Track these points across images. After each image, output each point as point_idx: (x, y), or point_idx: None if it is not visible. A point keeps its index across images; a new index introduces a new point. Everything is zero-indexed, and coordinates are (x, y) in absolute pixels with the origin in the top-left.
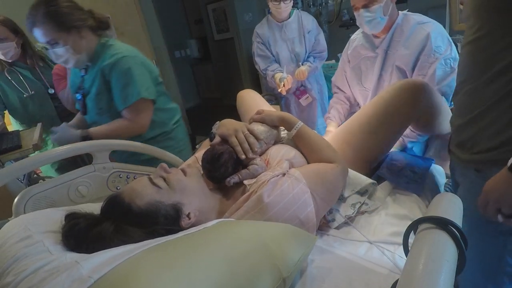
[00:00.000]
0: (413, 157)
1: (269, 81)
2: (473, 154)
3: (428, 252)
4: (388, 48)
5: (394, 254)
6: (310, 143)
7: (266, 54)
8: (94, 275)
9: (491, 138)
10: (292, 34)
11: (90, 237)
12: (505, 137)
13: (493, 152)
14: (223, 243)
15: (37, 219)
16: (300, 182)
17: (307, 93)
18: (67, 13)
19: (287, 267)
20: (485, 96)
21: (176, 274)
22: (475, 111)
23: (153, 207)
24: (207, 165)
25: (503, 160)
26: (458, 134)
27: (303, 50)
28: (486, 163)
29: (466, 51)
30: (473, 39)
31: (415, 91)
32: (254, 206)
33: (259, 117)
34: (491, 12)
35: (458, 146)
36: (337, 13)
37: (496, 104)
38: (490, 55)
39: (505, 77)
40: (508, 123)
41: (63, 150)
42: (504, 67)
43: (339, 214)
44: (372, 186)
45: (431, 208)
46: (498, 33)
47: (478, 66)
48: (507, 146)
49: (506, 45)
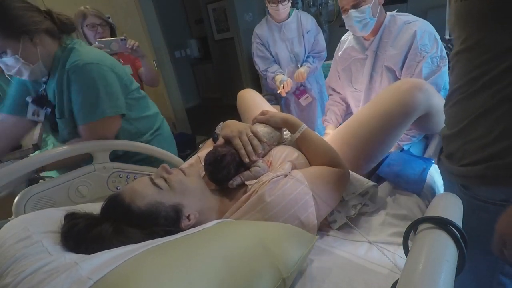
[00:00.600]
0: (413, 157)
1: (270, 82)
2: (461, 166)
3: (428, 252)
4: (378, 49)
5: (394, 254)
6: (313, 146)
7: (265, 55)
8: (93, 276)
9: (479, 151)
10: (291, 34)
11: (89, 238)
12: (493, 150)
13: (480, 166)
14: (223, 244)
15: (37, 219)
16: (302, 183)
17: (307, 93)
18: (16, 16)
19: (287, 267)
20: (472, 107)
21: (176, 275)
22: (463, 122)
23: (154, 208)
24: (210, 167)
25: (490, 177)
26: (447, 144)
27: (302, 50)
28: (472, 178)
29: (455, 61)
30: (460, 50)
31: (414, 91)
32: (255, 205)
33: (264, 118)
34: (472, 25)
35: (447, 156)
36: (337, 13)
37: (483, 116)
38: (476, 67)
39: (490, 90)
40: (496, 137)
41: (63, 150)
42: (489, 80)
43: (341, 215)
44: (373, 188)
45: (431, 208)
46: (480, 46)
47: (466, 77)
48: (495, 160)
49: (488, 59)
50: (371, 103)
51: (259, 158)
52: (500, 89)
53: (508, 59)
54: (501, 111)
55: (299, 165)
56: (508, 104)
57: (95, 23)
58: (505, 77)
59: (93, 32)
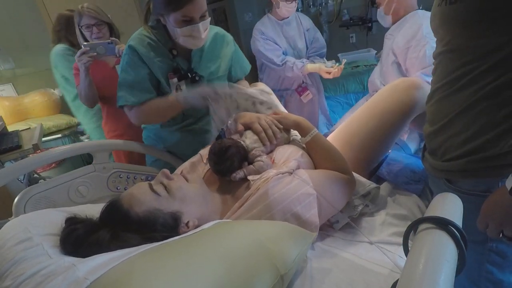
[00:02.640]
0: (412, 157)
1: (295, 72)
2: (444, 161)
3: (428, 252)
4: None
5: (394, 254)
6: (323, 151)
7: (274, 47)
8: (90, 276)
9: (460, 146)
10: (292, 31)
11: (86, 244)
12: (473, 145)
13: (462, 160)
14: (220, 243)
15: (38, 220)
16: (307, 184)
17: (308, 90)
18: None
19: (285, 264)
20: (453, 105)
21: (172, 275)
22: (445, 120)
23: (151, 215)
24: (214, 156)
25: (472, 170)
26: (429, 141)
27: (304, 46)
28: (456, 173)
29: (438, 61)
30: (443, 51)
31: (411, 90)
32: (258, 202)
33: (277, 118)
34: (456, 29)
35: (430, 153)
36: (337, 13)
37: (463, 113)
38: (458, 67)
39: (470, 89)
40: (475, 132)
41: (63, 150)
42: (470, 80)
43: (343, 216)
44: (375, 189)
45: (431, 208)
46: (463, 48)
47: (448, 76)
48: (475, 154)
49: (470, 60)
50: (370, 103)
51: (262, 153)
52: (479, 88)
53: (488, 61)
54: (480, 108)
55: (304, 163)
56: (486, 102)
57: (90, 24)
58: (484, 78)
59: (89, 32)
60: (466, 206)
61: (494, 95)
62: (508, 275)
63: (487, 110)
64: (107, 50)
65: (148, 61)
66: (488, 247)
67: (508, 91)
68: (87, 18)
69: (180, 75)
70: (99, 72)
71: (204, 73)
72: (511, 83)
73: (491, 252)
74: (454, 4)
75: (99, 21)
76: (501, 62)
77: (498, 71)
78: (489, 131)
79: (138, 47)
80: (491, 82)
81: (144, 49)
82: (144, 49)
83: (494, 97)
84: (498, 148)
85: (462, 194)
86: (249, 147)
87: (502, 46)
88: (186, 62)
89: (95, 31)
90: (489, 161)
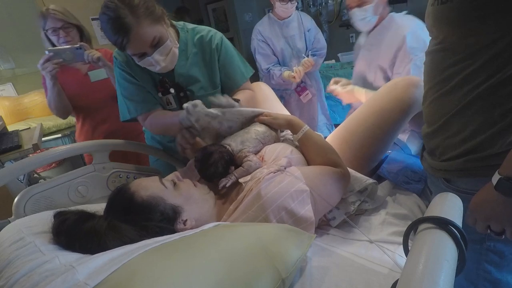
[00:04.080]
0: (413, 157)
1: (276, 79)
2: (442, 161)
3: (428, 252)
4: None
5: (394, 253)
6: (314, 146)
7: (267, 52)
8: (90, 282)
9: (458, 146)
10: (292, 31)
11: (81, 233)
12: (471, 145)
13: (460, 160)
14: (221, 246)
15: (32, 221)
16: (300, 181)
17: (307, 90)
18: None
19: (286, 267)
20: (447, 105)
21: (174, 278)
22: (441, 120)
23: (154, 201)
24: (197, 163)
25: (470, 170)
26: (427, 141)
27: (304, 46)
28: (454, 172)
29: (429, 60)
30: (435, 49)
31: (410, 88)
32: (252, 204)
33: (267, 120)
34: (449, 28)
35: (429, 153)
36: (337, 13)
37: (459, 113)
38: (449, 66)
39: (463, 89)
40: (472, 132)
41: (63, 150)
42: (462, 79)
43: (339, 212)
44: (372, 185)
45: (431, 208)
46: (455, 47)
47: (440, 75)
48: (473, 154)
49: (462, 58)
50: (369, 101)
51: (250, 153)
52: (473, 88)
53: (480, 59)
54: (475, 108)
55: (295, 160)
56: (481, 102)
57: (56, 27)
58: (477, 76)
59: (56, 37)
60: (464, 205)
61: (489, 94)
62: (506, 275)
63: (483, 109)
64: (76, 56)
65: (135, 74)
66: (486, 247)
67: (503, 90)
68: (53, 21)
69: (164, 90)
70: (70, 80)
71: (194, 87)
72: (504, 82)
73: (489, 251)
74: (445, 4)
75: (66, 23)
76: (493, 59)
77: (490, 69)
78: (485, 131)
79: (121, 60)
80: (485, 82)
81: (127, 62)
82: (127, 62)
83: (489, 97)
84: (495, 147)
85: (461, 193)
86: (235, 150)
87: (493, 43)
88: (172, 74)
89: (62, 34)
90: (486, 160)
